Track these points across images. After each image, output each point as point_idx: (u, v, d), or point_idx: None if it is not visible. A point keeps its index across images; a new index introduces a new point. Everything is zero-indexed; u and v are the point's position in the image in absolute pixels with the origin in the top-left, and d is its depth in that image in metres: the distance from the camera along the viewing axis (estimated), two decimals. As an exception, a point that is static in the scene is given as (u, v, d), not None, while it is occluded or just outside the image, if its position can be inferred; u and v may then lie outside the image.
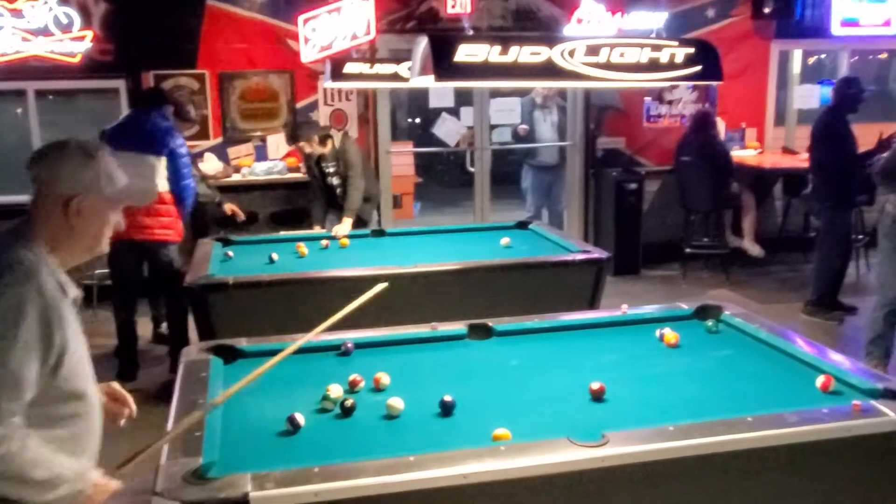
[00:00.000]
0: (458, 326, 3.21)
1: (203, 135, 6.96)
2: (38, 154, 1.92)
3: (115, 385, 2.18)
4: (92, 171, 1.88)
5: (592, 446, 2.12)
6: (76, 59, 6.54)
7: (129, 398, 2.17)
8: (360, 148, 5.99)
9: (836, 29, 7.83)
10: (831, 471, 2.37)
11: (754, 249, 7.51)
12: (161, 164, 4.89)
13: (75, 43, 6.50)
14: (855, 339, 5.70)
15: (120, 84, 6.73)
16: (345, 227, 5.27)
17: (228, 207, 6.03)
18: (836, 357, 2.83)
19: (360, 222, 5.67)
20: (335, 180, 5.85)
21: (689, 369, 2.87)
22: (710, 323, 3.28)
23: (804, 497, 2.39)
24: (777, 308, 6.30)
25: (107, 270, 5.62)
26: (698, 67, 2.70)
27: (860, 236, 6.93)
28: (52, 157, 1.89)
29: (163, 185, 4.92)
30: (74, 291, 1.92)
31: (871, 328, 4.91)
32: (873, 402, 2.40)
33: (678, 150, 7.39)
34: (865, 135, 6.14)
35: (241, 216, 6.09)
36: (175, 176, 4.95)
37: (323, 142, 5.79)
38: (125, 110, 6.64)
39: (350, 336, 3.11)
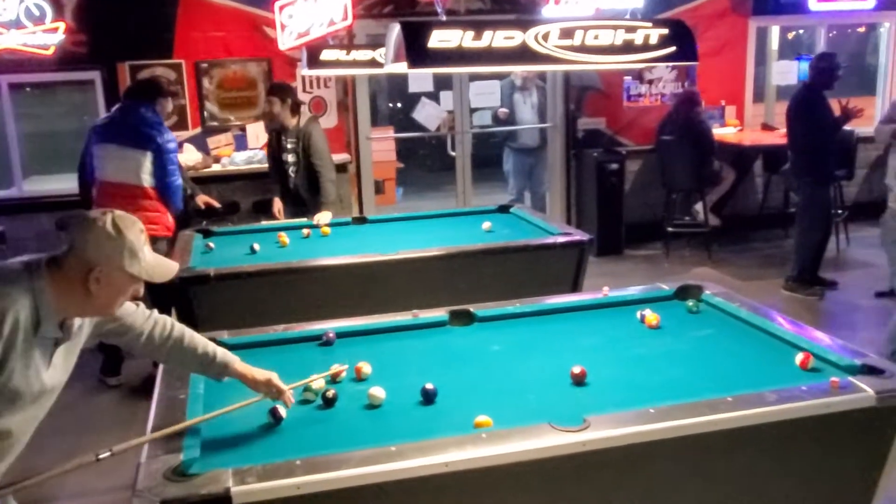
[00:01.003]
0: (440, 313, 3.21)
1: (181, 125, 6.90)
2: (76, 218, 2.02)
3: (275, 380, 2.35)
4: (118, 245, 1.97)
5: (574, 431, 2.13)
6: (50, 52, 6.46)
7: (287, 394, 2.36)
8: (325, 136, 5.64)
9: (814, 4, 7.85)
10: (812, 447, 2.40)
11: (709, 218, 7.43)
12: (147, 160, 4.82)
13: (48, 35, 6.43)
14: (836, 315, 5.76)
15: (95, 75, 6.66)
16: (325, 216, 5.24)
17: (201, 200, 5.81)
18: (816, 334, 2.85)
19: (311, 211, 5.39)
20: (290, 157, 5.49)
21: (670, 350, 2.88)
22: (690, 303, 3.30)
23: (785, 473, 2.42)
24: (758, 285, 6.35)
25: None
26: (673, 48, 2.70)
27: (839, 211, 6.98)
28: (85, 225, 1.98)
29: (147, 180, 4.85)
30: (52, 332, 1.99)
31: (893, 338, 4.48)
32: (851, 379, 2.42)
33: (660, 128, 7.40)
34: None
35: (216, 205, 5.84)
36: (161, 172, 4.83)
37: (293, 111, 5.45)
38: (102, 101, 6.59)
39: (331, 325, 3.10)
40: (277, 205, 5.70)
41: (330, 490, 1.96)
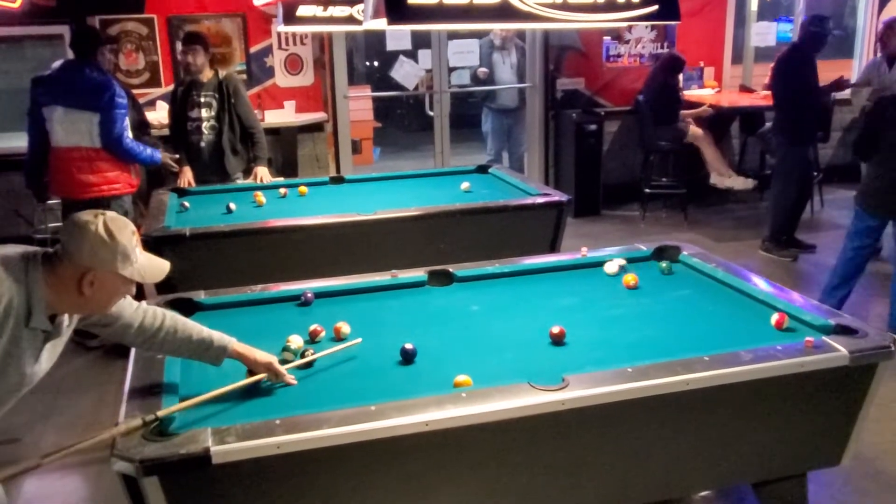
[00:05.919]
0: (419, 273, 3.21)
1: (154, 82, 6.77)
2: (69, 222, 2.00)
3: (276, 364, 2.35)
4: (110, 249, 1.96)
5: (553, 390, 2.15)
6: (16, 5, 6.27)
7: (286, 376, 2.35)
8: None
9: (793, -35, 7.80)
10: (786, 405, 2.44)
11: (737, 182, 7.32)
12: (98, 119, 4.70)
13: (14, -12, 6.24)
14: (810, 276, 5.82)
15: (64, 30, 6.47)
16: (266, 172, 5.18)
17: (164, 157, 5.21)
18: (791, 294, 2.89)
19: (224, 175, 5.21)
20: (203, 112, 5.15)
21: (648, 310, 2.90)
22: (663, 264, 3.31)
23: (760, 430, 2.46)
24: (734, 246, 6.40)
25: (60, 224, 5.51)
26: (655, 7, 2.67)
27: (815, 173, 7.02)
28: (79, 229, 1.97)
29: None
30: (43, 324, 1.97)
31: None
32: (825, 338, 2.45)
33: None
34: (821, 71, 6.17)
35: (174, 167, 5.24)
36: (105, 128, 4.65)
37: (211, 63, 5.13)
38: (70, 56, 6.41)
39: (310, 286, 3.09)
40: (186, 176, 5.20)
41: (310, 449, 1.96)
